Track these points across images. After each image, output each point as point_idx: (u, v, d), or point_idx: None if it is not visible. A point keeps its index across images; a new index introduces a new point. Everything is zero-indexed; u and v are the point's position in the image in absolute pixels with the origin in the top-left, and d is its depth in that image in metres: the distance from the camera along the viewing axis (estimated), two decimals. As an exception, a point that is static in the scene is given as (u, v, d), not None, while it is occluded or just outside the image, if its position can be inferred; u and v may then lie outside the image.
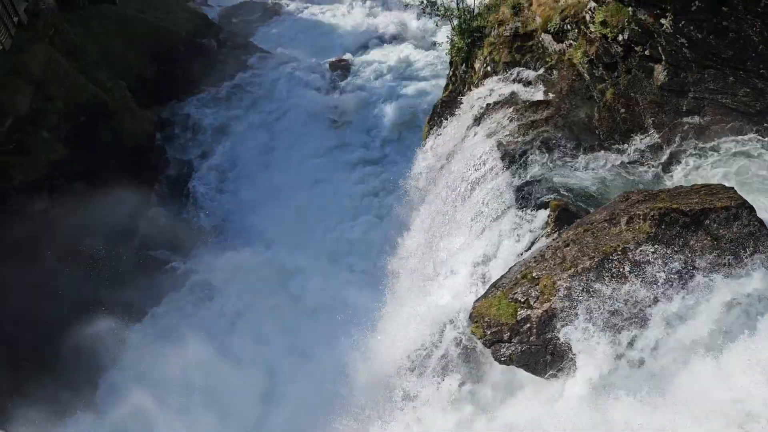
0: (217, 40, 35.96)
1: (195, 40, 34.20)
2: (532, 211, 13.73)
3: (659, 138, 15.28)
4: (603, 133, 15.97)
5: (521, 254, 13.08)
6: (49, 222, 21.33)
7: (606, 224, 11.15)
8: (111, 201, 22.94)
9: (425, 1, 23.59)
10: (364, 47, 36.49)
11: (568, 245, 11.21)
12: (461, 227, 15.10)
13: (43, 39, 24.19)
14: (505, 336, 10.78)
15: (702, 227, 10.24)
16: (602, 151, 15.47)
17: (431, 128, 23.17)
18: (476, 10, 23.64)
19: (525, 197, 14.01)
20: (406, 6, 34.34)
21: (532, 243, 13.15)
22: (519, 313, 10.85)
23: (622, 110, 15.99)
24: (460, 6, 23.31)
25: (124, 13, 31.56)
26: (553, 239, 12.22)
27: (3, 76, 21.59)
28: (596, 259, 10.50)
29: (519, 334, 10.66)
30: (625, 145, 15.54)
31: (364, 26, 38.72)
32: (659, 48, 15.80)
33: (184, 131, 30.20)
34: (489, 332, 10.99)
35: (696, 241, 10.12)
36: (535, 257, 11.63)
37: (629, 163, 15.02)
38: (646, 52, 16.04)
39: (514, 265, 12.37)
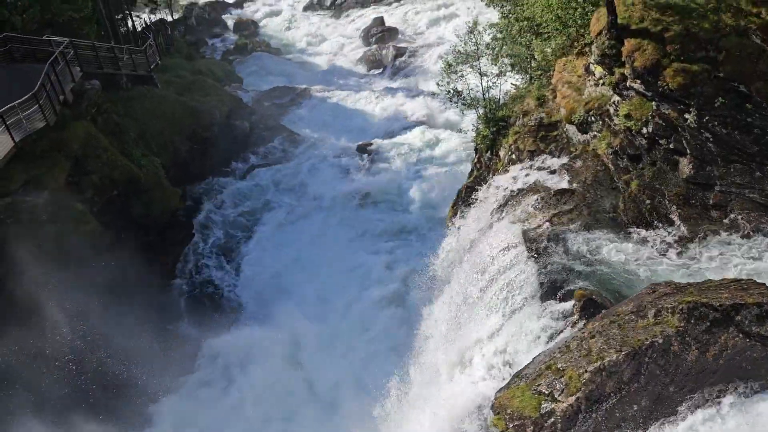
0: (249, 121, 37.31)
1: (229, 122, 35.53)
2: (557, 300, 13.54)
3: (686, 230, 15.17)
4: (628, 223, 15.93)
5: (546, 344, 12.79)
6: (71, 293, 21.50)
7: (633, 316, 10.93)
8: (134, 274, 23.14)
9: (452, 91, 24.32)
10: (392, 132, 37.45)
11: (593, 337, 10.96)
12: (485, 313, 14.90)
13: (86, 117, 25.36)
14: (528, 430, 10.38)
15: (733, 323, 9.98)
16: (628, 241, 15.36)
17: (455, 213, 23.34)
18: (501, 101, 24.32)
19: (550, 285, 13.85)
20: (434, 94, 35.48)
21: (557, 333, 12.88)
22: (543, 405, 10.50)
23: (648, 201, 16.00)
24: (486, 96, 24.01)
25: (164, 96, 33.08)
26: (579, 330, 11.98)
27: (44, 150, 22.53)
28: (623, 353, 10.23)
29: (543, 428, 10.27)
30: (651, 236, 15.42)
31: (391, 112, 39.94)
32: (684, 142, 15.99)
33: (212, 208, 30.84)
34: (511, 426, 10.62)
35: (728, 337, 9.84)
36: (560, 348, 11.38)
37: (655, 254, 14.85)
38: (670, 145, 16.23)
39: (539, 355, 12.09)
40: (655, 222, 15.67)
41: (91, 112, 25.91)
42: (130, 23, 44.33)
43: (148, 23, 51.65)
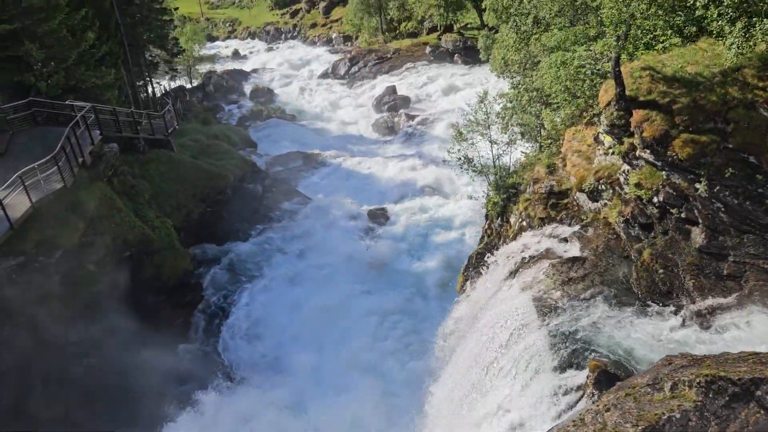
0: (263, 185, 37.81)
1: (242, 185, 36.04)
2: (570, 370, 13.23)
3: (700, 300, 14.94)
4: (641, 292, 15.73)
5: (559, 417, 12.42)
6: (79, 354, 21.36)
7: (649, 389, 10.63)
8: (142, 336, 22.98)
9: (463, 158, 24.64)
10: (403, 197, 37.77)
11: (608, 410, 10.63)
12: (496, 383, 14.56)
13: (102, 179, 25.84)
14: None
15: (753, 398, 9.67)
16: (641, 311, 15.12)
17: (466, 279, 23.20)
18: (512, 168, 24.58)
19: (562, 356, 13.57)
20: (444, 161, 35.92)
21: (571, 405, 12.52)
22: (558, 483, 10.10)
23: (661, 271, 15.84)
24: (497, 164, 24.28)
25: (180, 159, 33.74)
26: (593, 402, 11.64)
27: (60, 211, 22.84)
28: (640, 428, 9.89)
29: (558, 507, 9.83)
30: (665, 306, 15.19)
31: (402, 177, 40.38)
32: (695, 211, 15.98)
33: (222, 270, 30.88)
34: (525, 503, 10.17)
35: (748, 413, 9.51)
36: (573, 421, 11.02)
37: (670, 324, 14.59)
38: (682, 215, 16.21)
39: (552, 428, 11.70)
40: (669, 292, 15.47)
41: (107, 174, 26.40)
42: (150, 89, 45.77)
43: (168, 89, 53.31)
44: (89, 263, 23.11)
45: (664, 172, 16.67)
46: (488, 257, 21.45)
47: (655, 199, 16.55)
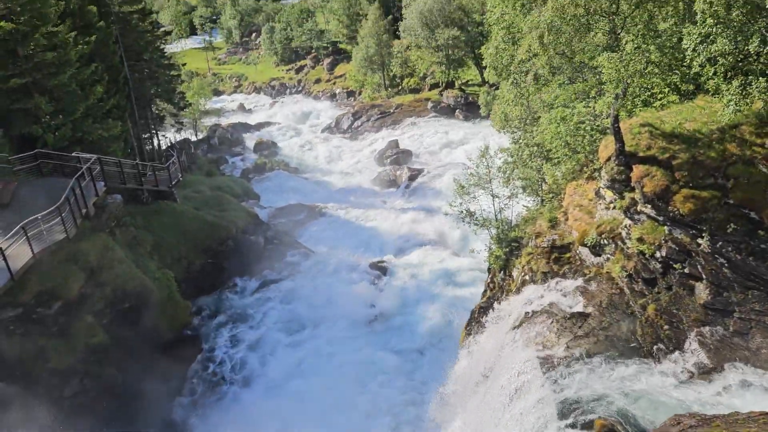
0: (264, 237, 37.85)
1: (244, 237, 36.08)
2: (576, 430, 12.90)
3: (707, 358, 14.70)
4: (647, 349, 15.49)
5: (565, 479, 12.04)
6: (77, 408, 20.92)
7: (658, 451, 10.33)
8: (139, 390, 22.59)
9: (464, 211, 24.72)
10: (404, 250, 37.74)
11: (617, 472, 10.31)
12: (499, 443, 14.18)
13: (105, 229, 25.90)
14: None
15: (766, 461, 9.38)
16: (647, 368, 14.85)
17: (468, 334, 22.90)
18: (514, 222, 24.62)
19: (568, 414, 13.25)
20: (446, 214, 36.03)
21: (577, 466, 12.16)
22: None
23: (666, 327, 15.65)
24: (498, 217, 24.34)
25: (183, 210, 33.92)
26: (600, 464, 11.31)
27: (61, 261, 22.81)
28: (650, 491, 9.56)
29: None
30: (671, 363, 14.94)
31: (404, 230, 40.45)
32: (699, 266, 15.90)
33: (221, 323, 30.55)
34: None
35: (761, 477, 9.21)
36: (581, 484, 10.68)
37: (677, 382, 14.30)
38: (685, 270, 16.13)
39: (558, 491, 11.33)
40: (675, 348, 15.24)
41: (110, 225, 26.48)
42: (156, 142, 46.40)
43: (174, 142, 54.06)
44: (88, 315, 22.93)
45: (666, 227, 16.68)
46: (491, 312, 21.23)
47: (658, 254, 16.49)
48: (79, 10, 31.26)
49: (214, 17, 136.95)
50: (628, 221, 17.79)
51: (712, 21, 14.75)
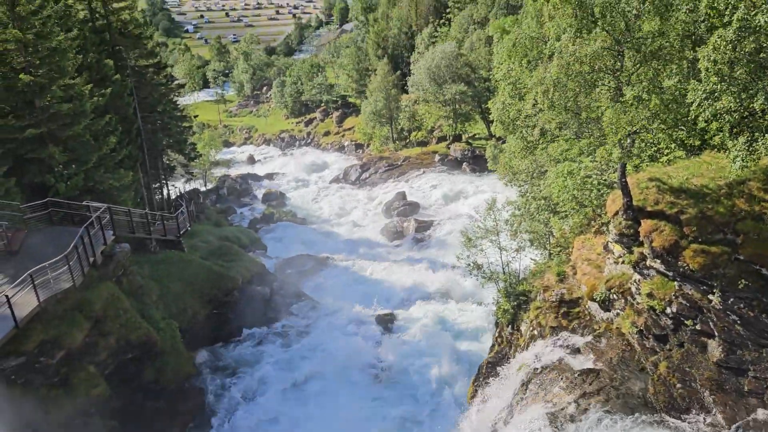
0: (271, 288, 37.67)
1: (251, 288, 35.91)
2: (587, 492, 12.45)
3: (722, 418, 14.29)
4: (660, 407, 15.09)
5: None
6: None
7: None
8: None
9: (472, 264, 24.60)
10: (411, 302, 37.39)
11: None
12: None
13: (111, 278, 25.88)
14: None
15: None
16: (661, 429, 14.43)
17: (476, 389, 22.43)
18: (521, 275, 24.46)
19: (579, 476, 12.82)
20: (454, 267, 35.88)
21: None
22: None
23: (678, 385, 15.28)
24: (506, 270, 24.20)
25: (190, 260, 33.92)
26: None
27: (66, 310, 22.71)
28: None
29: None
30: (686, 423, 14.51)
31: (411, 282, 40.17)
32: (710, 323, 15.64)
33: (225, 376, 30.09)
34: None
35: None
36: None
37: (692, 444, 13.87)
38: (697, 327, 15.86)
39: None
40: (689, 408, 14.84)
41: (117, 274, 26.48)
42: (165, 191, 46.86)
43: (183, 191, 54.58)
44: (90, 365, 22.67)
45: (676, 283, 16.50)
46: (499, 367, 20.84)
47: (669, 310, 16.26)
48: (96, 64, 32.15)
49: (227, 71, 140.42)
50: (637, 276, 17.62)
51: (716, 79, 14.94)
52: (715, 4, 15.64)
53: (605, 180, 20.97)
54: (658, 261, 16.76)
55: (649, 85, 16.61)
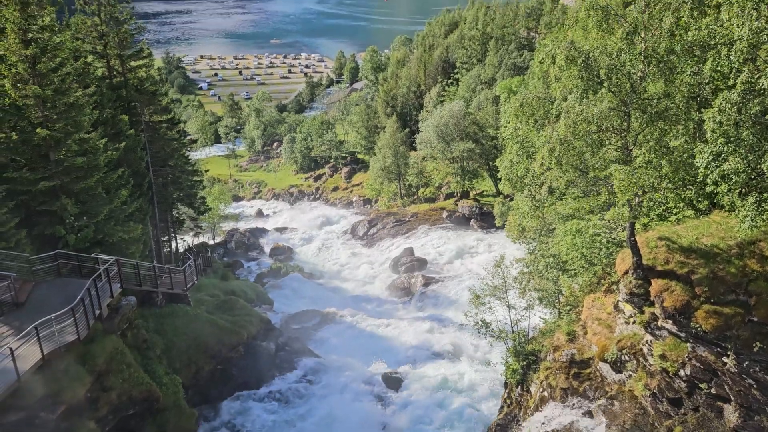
0: (276, 343, 37.22)
1: (256, 343, 35.51)
2: None
3: (742, 488, 13.72)
4: (676, 476, 14.55)
5: None
6: None
7: None
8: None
9: (480, 322, 24.31)
10: (418, 361, 36.75)
11: None
12: None
13: (116, 332, 25.65)
14: None
15: None
16: (678, 498, 13.87)
17: (484, 453, 21.77)
18: (531, 334, 24.10)
19: None
20: (461, 325, 35.42)
21: None
22: None
23: (695, 452, 14.78)
24: (515, 329, 23.86)
25: (196, 314, 33.71)
26: None
27: (69, 363, 22.43)
28: None
29: None
30: (704, 493, 13.94)
31: (418, 340, 39.61)
32: (726, 387, 15.24)
33: (227, 432, 29.47)
34: None
35: None
36: None
37: None
38: (712, 390, 15.46)
39: None
40: (706, 476, 14.29)
41: (122, 327, 26.26)
42: (174, 244, 47.02)
43: (191, 245, 54.74)
44: (91, 420, 22.20)
45: (688, 344, 16.19)
46: (509, 430, 20.27)
47: (682, 373, 15.89)
48: (111, 119, 32.88)
49: (239, 127, 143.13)
50: (649, 337, 17.32)
51: (723, 140, 15.07)
52: (719, 68, 15.94)
53: (614, 238, 20.89)
54: (670, 321, 16.50)
55: (656, 145, 16.74)
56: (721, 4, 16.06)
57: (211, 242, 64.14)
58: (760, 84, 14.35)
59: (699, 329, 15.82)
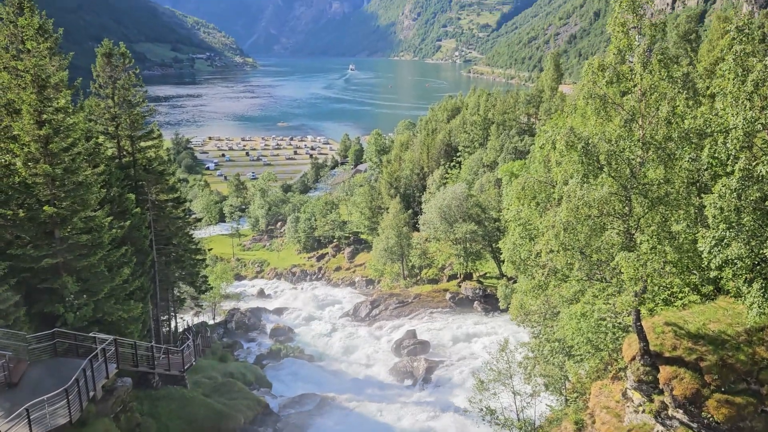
0: (273, 429, 36.00)
1: (252, 428, 34.37)
2: None
3: None
4: None
5: None
6: None
7: None
8: None
9: (485, 409, 23.58)
10: (420, 449, 35.42)
11: None
12: None
13: (109, 414, 24.92)
14: None
15: None
16: None
17: None
18: (537, 422, 23.31)
19: None
20: (465, 411, 34.32)
21: None
22: None
23: None
24: (521, 416, 23.12)
25: (192, 397, 32.83)
26: None
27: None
28: None
29: None
30: None
31: (421, 427, 38.23)
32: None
33: None
34: None
35: None
36: None
37: None
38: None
39: None
40: None
41: (115, 410, 25.54)
42: (173, 324, 46.47)
43: (190, 325, 54.07)
44: None
45: (701, 436, 15.60)
46: None
47: (696, 466, 15.23)
48: (118, 197, 33.32)
49: (244, 206, 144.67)
50: (659, 427, 16.73)
51: (724, 225, 15.13)
52: (717, 155, 16.23)
53: (620, 323, 20.59)
54: (681, 411, 15.98)
55: (658, 229, 16.81)
56: (716, 95, 16.56)
57: (211, 322, 63.38)
58: (758, 171, 14.56)
59: (711, 419, 15.29)
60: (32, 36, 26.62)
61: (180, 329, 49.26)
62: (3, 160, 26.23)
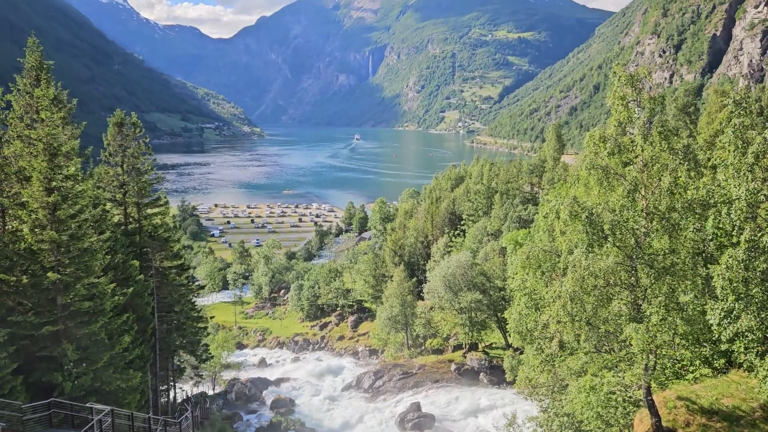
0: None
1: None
2: None
3: None
4: None
5: None
6: None
7: None
8: None
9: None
10: None
11: None
12: None
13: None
14: None
15: None
16: None
17: None
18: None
19: None
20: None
21: None
22: None
23: None
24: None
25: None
26: None
27: None
28: None
29: None
30: None
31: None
32: None
33: None
34: None
35: None
36: None
37: None
38: None
39: None
40: None
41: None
42: (172, 394, 45.42)
43: (190, 395, 52.84)
44: None
45: None
46: None
47: None
48: (122, 264, 33.30)
49: (247, 274, 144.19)
50: None
51: (733, 297, 14.95)
52: (721, 225, 16.24)
53: (630, 397, 20.01)
54: (697, 492, 15.29)
55: (665, 300, 16.60)
56: (717, 166, 16.74)
57: (210, 392, 61.97)
58: (764, 242, 14.51)
59: (729, 501, 14.61)
60: (47, 106, 27.36)
61: (179, 400, 48.09)
62: (11, 227, 26.41)
